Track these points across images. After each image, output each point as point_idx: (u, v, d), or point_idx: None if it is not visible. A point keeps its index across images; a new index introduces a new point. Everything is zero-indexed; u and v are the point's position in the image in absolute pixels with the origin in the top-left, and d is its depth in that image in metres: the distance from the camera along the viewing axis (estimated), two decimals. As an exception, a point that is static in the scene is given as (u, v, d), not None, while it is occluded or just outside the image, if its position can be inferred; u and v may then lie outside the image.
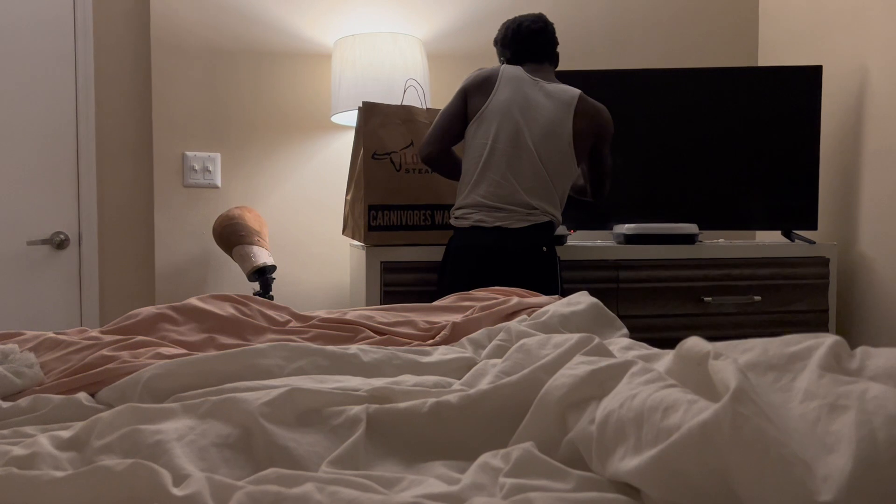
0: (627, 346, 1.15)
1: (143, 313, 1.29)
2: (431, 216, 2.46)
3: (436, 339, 1.33)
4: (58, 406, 0.98)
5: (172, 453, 0.79)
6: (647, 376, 0.79)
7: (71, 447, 0.82)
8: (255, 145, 2.88)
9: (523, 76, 2.19)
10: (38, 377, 1.07)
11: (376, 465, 0.84)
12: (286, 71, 2.89)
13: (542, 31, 2.25)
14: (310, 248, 2.92)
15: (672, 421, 0.67)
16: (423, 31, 2.97)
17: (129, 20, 2.82)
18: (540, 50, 2.26)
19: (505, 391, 0.91)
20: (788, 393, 0.70)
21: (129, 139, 2.84)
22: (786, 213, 2.68)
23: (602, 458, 0.73)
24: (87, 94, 2.78)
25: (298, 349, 1.10)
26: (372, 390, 0.96)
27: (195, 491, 0.65)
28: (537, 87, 2.18)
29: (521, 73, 2.20)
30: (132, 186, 2.84)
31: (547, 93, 2.18)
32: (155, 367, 1.02)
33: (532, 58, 2.26)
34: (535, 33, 2.24)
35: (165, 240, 2.82)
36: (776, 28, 3.11)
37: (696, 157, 2.68)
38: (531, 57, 2.26)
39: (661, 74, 2.68)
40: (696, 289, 2.51)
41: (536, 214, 2.13)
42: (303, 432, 0.87)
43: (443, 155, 2.23)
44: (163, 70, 2.80)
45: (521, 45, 2.25)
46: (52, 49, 2.75)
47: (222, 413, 0.88)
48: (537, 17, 2.27)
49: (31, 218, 2.75)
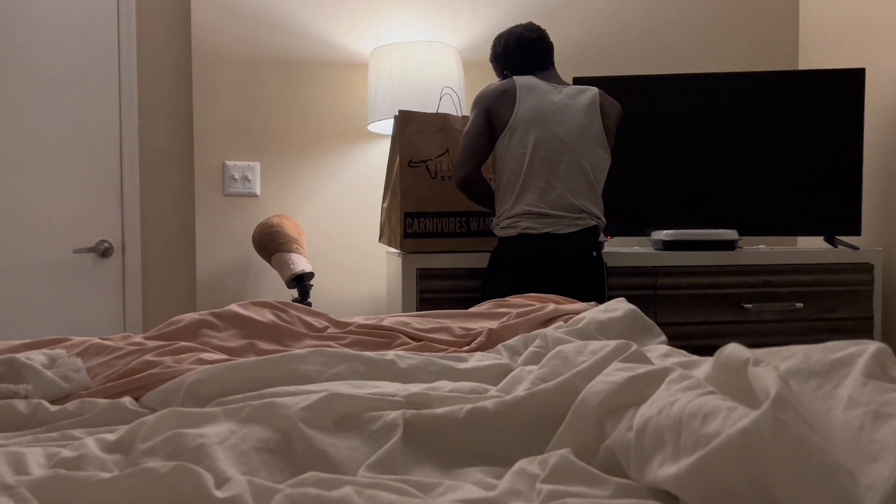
0: (665, 353, 1.13)
1: (185, 319, 1.31)
2: (467, 223, 2.46)
3: (472, 346, 1.34)
4: (104, 410, 1.00)
5: (214, 457, 0.81)
6: (685, 383, 0.78)
7: (116, 450, 0.84)
8: (293, 154, 2.92)
9: (540, 83, 2.20)
10: (84, 382, 1.10)
11: (413, 470, 0.85)
12: (323, 81, 2.93)
13: (543, 38, 2.30)
14: (346, 256, 2.95)
15: (711, 428, 0.66)
16: (459, 40, 2.98)
17: (171, 34, 2.88)
18: (544, 57, 2.30)
19: (541, 398, 0.90)
20: (831, 400, 0.69)
21: (171, 149, 2.90)
22: (828, 219, 2.62)
23: (640, 464, 0.73)
24: (131, 106, 2.85)
25: (337, 355, 1.11)
26: (409, 396, 0.96)
27: (237, 493, 0.66)
28: (557, 91, 2.20)
29: (536, 82, 2.21)
30: (174, 195, 2.90)
31: (569, 95, 2.20)
32: (197, 373, 1.04)
33: (539, 65, 2.29)
34: (537, 41, 2.29)
35: (206, 247, 2.87)
36: (817, 31, 3.06)
37: (736, 162, 2.65)
38: (538, 65, 2.28)
39: (701, 79, 2.66)
40: (737, 295, 2.47)
41: (584, 218, 2.14)
42: (341, 437, 0.88)
43: (475, 176, 2.21)
44: (203, 81, 2.85)
45: (526, 54, 2.28)
46: (97, 63, 2.83)
47: (262, 417, 0.89)
48: (533, 26, 2.31)
49: (77, 227, 2.82)
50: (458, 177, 2.21)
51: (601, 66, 3.02)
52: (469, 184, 2.21)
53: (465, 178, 2.20)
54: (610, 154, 2.24)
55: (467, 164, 2.20)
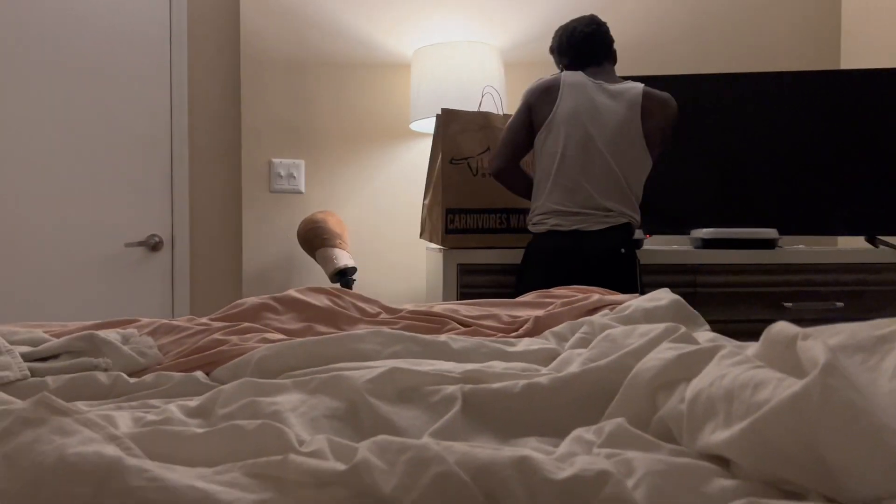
0: (712, 338, 1.17)
1: (247, 303, 1.38)
2: (507, 219, 2.51)
3: (519, 332, 1.38)
4: (179, 382, 1.07)
5: (288, 422, 0.87)
6: (735, 359, 0.82)
7: (198, 415, 0.91)
8: (337, 152, 2.99)
9: (585, 81, 2.22)
10: (158, 357, 1.17)
11: (473, 439, 0.90)
12: (366, 81, 3.00)
13: (596, 32, 2.28)
14: (388, 252, 3.02)
15: (762, 396, 0.70)
16: (500, 40, 3.03)
17: (221, 36, 2.98)
18: (597, 51, 2.28)
19: (595, 374, 0.95)
20: (876, 373, 0.73)
21: (220, 147, 2.99)
22: (869, 219, 2.62)
23: (692, 433, 0.77)
24: (181, 105, 2.95)
25: (393, 336, 1.17)
26: (465, 372, 1.01)
27: (318, 448, 0.71)
28: (601, 90, 2.21)
29: (582, 79, 2.22)
30: (222, 192, 3.00)
31: (611, 94, 2.20)
32: (264, 349, 1.11)
33: (591, 61, 2.28)
34: (589, 36, 2.27)
35: (252, 242, 2.96)
36: (859, 30, 3.05)
37: (776, 161, 2.66)
38: (590, 60, 2.28)
39: (743, 78, 2.67)
40: (776, 294, 2.49)
41: (613, 216, 2.15)
42: (404, 407, 0.93)
43: (512, 168, 2.28)
44: (251, 82, 2.94)
45: (578, 49, 2.28)
46: (149, 64, 2.93)
47: (330, 389, 0.95)
48: (590, 20, 2.29)
49: (129, 221, 2.93)
50: (492, 167, 2.30)
51: (642, 66, 3.05)
52: (502, 175, 2.28)
53: (498, 170, 2.28)
54: (651, 155, 2.21)
55: (501, 156, 2.27)
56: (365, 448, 0.64)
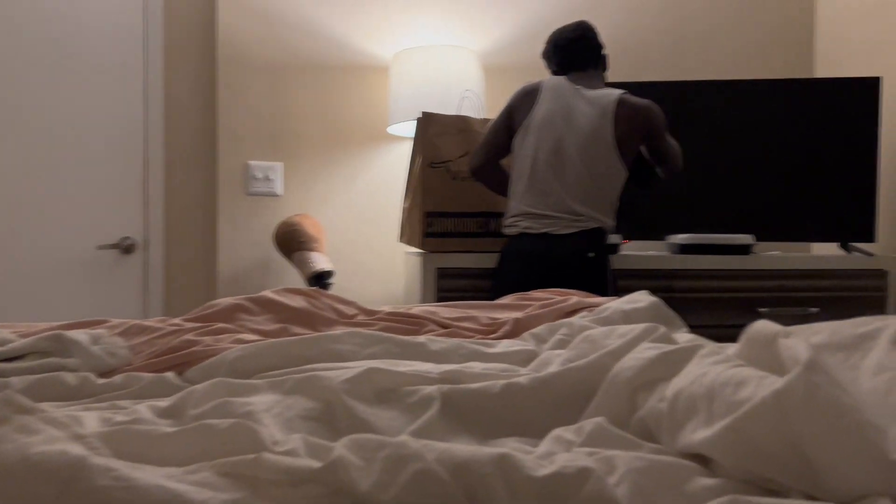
0: (690, 339, 1.17)
1: (221, 303, 1.36)
2: (486, 223, 2.50)
3: (498, 334, 1.37)
4: (149, 383, 1.04)
5: (263, 422, 0.84)
6: (716, 357, 0.81)
7: (169, 415, 0.88)
8: (315, 155, 2.97)
9: (564, 85, 2.23)
10: (128, 358, 1.15)
11: (451, 439, 0.88)
12: (345, 84, 2.98)
13: (581, 38, 2.29)
14: (365, 256, 2.99)
15: (743, 394, 0.69)
16: (480, 44, 3.03)
17: (197, 37, 2.94)
18: (581, 57, 2.29)
19: (574, 374, 0.94)
20: (857, 371, 0.72)
21: (196, 149, 2.95)
22: (843, 225, 2.65)
23: (672, 432, 0.76)
24: (157, 107, 2.91)
25: (371, 336, 1.15)
26: (444, 373, 1.00)
27: (293, 448, 0.69)
28: (578, 95, 2.22)
29: (562, 83, 2.24)
30: (197, 194, 2.96)
31: (588, 99, 2.21)
32: (239, 349, 1.08)
33: (575, 66, 2.30)
34: (573, 42, 2.29)
35: (228, 245, 2.92)
36: (833, 39, 3.10)
37: (752, 168, 2.68)
38: (574, 65, 2.30)
39: (718, 86, 2.70)
40: (752, 300, 2.50)
41: (583, 221, 2.15)
42: (381, 408, 0.91)
43: (489, 167, 2.32)
44: (228, 83, 2.91)
45: (563, 54, 2.30)
46: (123, 62, 2.89)
47: (305, 389, 0.93)
48: (576, 26, 2.31)
49: (101, 223, 2.88)
50: (470, 165, 2.34)
51: (617, 72, 3.06)
52: (479, 173, 2.33)
53: (474, 167, 2.33)
54: (625, 162, 2.18)
55: (479, 154, 2.32)
56: (341, 446, 0.62)
